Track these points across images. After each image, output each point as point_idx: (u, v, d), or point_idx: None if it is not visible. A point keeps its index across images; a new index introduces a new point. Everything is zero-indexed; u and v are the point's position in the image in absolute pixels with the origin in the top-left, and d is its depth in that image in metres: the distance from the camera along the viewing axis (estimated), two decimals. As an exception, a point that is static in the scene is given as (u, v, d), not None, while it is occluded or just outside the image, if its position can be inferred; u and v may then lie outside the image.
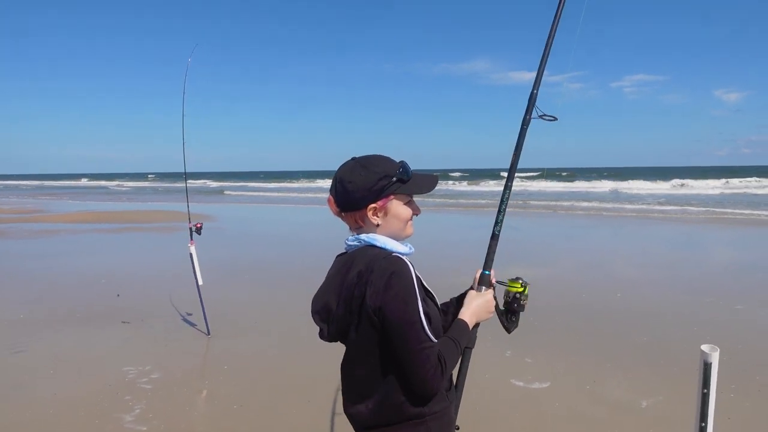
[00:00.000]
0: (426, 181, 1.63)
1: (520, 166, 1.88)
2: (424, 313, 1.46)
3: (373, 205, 1.56)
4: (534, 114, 1.85)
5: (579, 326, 6.01)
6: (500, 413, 3.97)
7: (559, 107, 1.84)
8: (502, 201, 1.87)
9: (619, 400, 4.14)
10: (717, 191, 32.79)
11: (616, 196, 31.09)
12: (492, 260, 1.84)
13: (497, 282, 1.82)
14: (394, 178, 1.56)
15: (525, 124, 1.86)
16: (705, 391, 2.39)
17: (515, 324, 1.81)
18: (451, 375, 1.67)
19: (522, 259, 10.01)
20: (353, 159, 1.61)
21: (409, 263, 1.51)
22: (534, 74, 1.90)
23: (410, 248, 1.63)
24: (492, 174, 63.38)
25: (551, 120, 1.85)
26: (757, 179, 39.87)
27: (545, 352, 5.12)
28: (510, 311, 1.80)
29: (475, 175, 72.83)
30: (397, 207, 1.59)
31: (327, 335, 1.61)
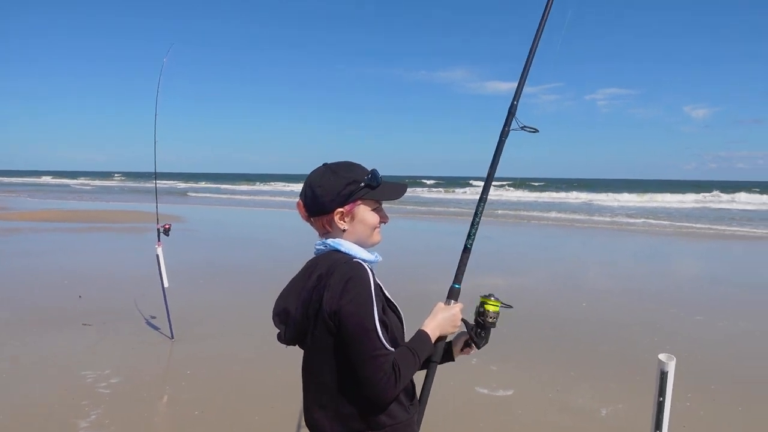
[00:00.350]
0: (395, 189, 1.64)
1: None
2: (381, 321, 1.46)
3: (340, 209, 1.57)
4: (514, 125, 1.84)
5: (545, 335, 6.08)
6: (464, 421, 3.99)
7: (535, 118, 1.82)
8: (476, 214, 1.84)
9: (581, 408, 4.20)
10: (684, 205, 33.69)
11: (588, 207, 31.68)
12: (462, 273, 1.81)
13: (481, 297, 1.80)
14: (363, 184, 1.58)
15: (503, 135, 1.84)
16: (661, 399, 2.44)
17: (485, 340, 1.79)
18: (414, 387, 1.66)
19: (492, 269, 10.10)
20: (324, 164, 1.63)
21: (369, 270, 1.51)
22: (512, 85, 1.89)
23: (376, 256, 1.63)
24: (464, 182, 63.93)
25: (532, 131, 1.84)
26: (720, 194, 41.05)
27: (511, 360, 5.16)
28: (480, 327, 1.77)
29: (450, 182, 73.31)
30: (364, 213, 1.59)
31: (285, 338, 1.61)
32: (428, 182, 71.59)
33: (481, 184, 1.90)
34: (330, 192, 1.56)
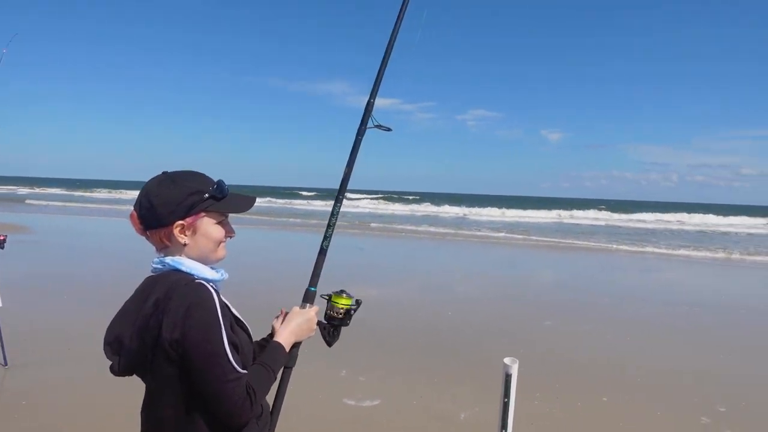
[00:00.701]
0: (243, 201, 1.57)
1: (369, 188, 1.89)
2: (230, 343, 1.38)
3: (180, 222, 1.46)
4: (369, 124, 1.88)
5: (413, 344, 6.28)
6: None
7: (412, 134, 1.86)
8: (332, 215, 1.86)
9: (442, 413, 4.39)
10: (542, 220, 36.89)
11: (458, 221, 33.47)
12: (318, 276, 1.80)
13: (321, 296, 1.80)
14: (207, 195, 1.48)
15: (360, 134, 1.88)
16: (506, 400, 2.63)
17: (336, 338, 1.79)
18: (265, 400, 1.61)
19: (364, 279, 10.28)
20: (164, 173, 1.51)
21: (212, 290, 1.42)
22: (392, 101, 1.96)
23: (222, 274, 1.54)
24: (334, 194, 63.76)
25: (386, 130, 1.90)
26: (574, 211, 45.37)
27: (379, 370, 5.25)
28: (332, 325, 1.78)
29: (329, 194, 73.46)
30: (208, 226, 1.50)
31: (118, 370, 1.46)
32: (306, 194, 71.14)
33: (358, 196, 1.92)
34: (169, 203, 1.44)
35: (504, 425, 2.58)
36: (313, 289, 1.79)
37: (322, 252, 1.84)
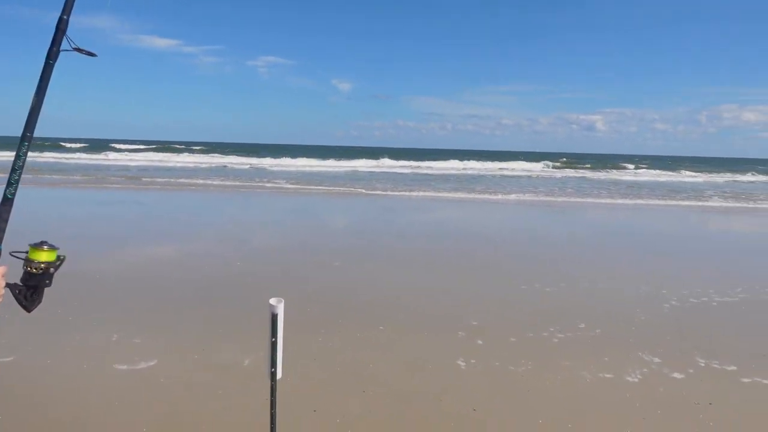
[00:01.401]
0: None
1: (148, 138, 1.58)
2: None
3: None
4: (66, 46, 1.58)
5: (196, 299, 6.02)
6: (101, 401, 3.63)
7: (196, 78, 1.57)
8: (18, 157, 1.54)
9: (226, 363, 4.33)
10: (335, 170, 37.86)
11: (250, 172, 32.59)
12: (4, 231, 1.50)
13: (12, 254, 1.53)
14: None
15: (51, 57, 1.56)
16: (273, 339, 2.66)
17: (36, 302, 1.55)
18: None
19: (142, 237, 9.48)
20: None
21: None
22: (172, 42, 1.64)
23: None
24: (105, 145, 57.19)
25: (89, 55, 1.61)
26: (367, 160, 47.56)
27: (157, 330, 4.93)
28: (28, 287, 1.52)
29: (100, 146, 64.97)
30: None
31: None
32: (72, 146, 61.67)
33: (135, 147, 1.62)
34: None
35: (273, 363, 2.62)
36: None
37: (7, 202, 1.53)
